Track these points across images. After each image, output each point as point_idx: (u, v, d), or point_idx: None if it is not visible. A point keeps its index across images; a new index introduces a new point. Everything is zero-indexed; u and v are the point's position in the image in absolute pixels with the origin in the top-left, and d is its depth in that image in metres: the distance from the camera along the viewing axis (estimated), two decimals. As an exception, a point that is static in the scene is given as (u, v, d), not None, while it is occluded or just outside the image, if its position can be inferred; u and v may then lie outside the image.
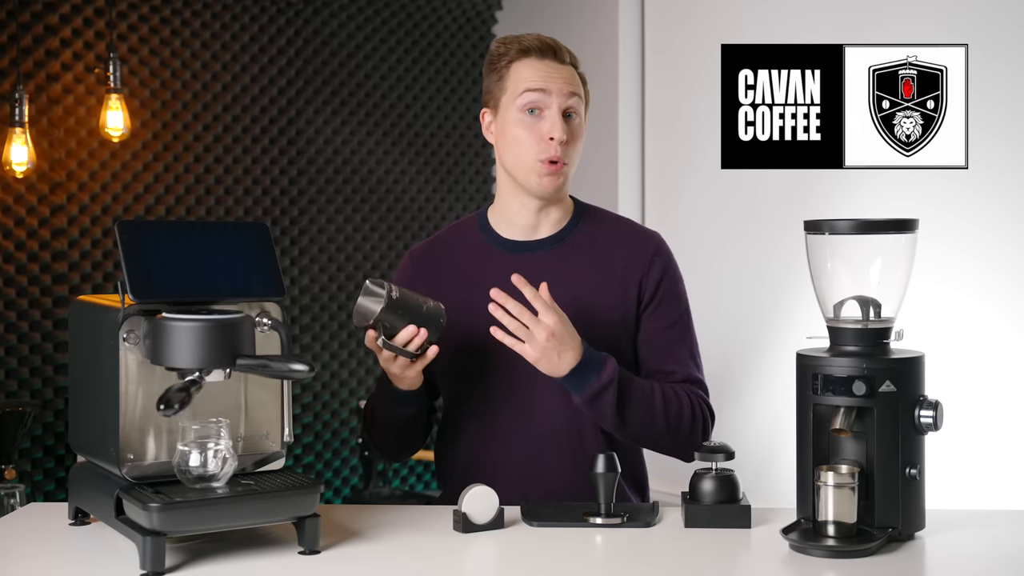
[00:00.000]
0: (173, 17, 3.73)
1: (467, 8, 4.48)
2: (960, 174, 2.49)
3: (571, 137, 1.93)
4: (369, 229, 4.24)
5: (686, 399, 1.93)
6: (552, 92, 1.92)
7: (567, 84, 1.93)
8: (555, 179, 1.93)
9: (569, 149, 1.93)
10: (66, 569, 1.59)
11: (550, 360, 1.81)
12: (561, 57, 1.95)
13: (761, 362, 3.49)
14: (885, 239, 1.70)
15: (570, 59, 1.97)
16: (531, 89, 1.92)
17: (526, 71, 1.94)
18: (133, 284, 1.53)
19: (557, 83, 1.92)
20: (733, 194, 3.62)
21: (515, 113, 1.94)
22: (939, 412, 1.63)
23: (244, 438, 1.71)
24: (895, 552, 1.60)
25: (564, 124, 1.91)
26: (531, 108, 1.93)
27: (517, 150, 1.94)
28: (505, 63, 1.96)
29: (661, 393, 1.90)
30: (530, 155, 1.93)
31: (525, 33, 1.99)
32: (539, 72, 1.93)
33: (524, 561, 1.62)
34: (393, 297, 1.78)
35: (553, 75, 1.93)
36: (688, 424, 1.92)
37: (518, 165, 1.95)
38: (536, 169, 1.93)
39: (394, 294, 1.78)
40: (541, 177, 1.93)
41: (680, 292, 2.02)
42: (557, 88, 1.92)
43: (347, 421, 4.17)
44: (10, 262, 3.39)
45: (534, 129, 1.92)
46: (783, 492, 1.86)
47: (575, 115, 1.95)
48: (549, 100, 1.92)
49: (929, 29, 3.11)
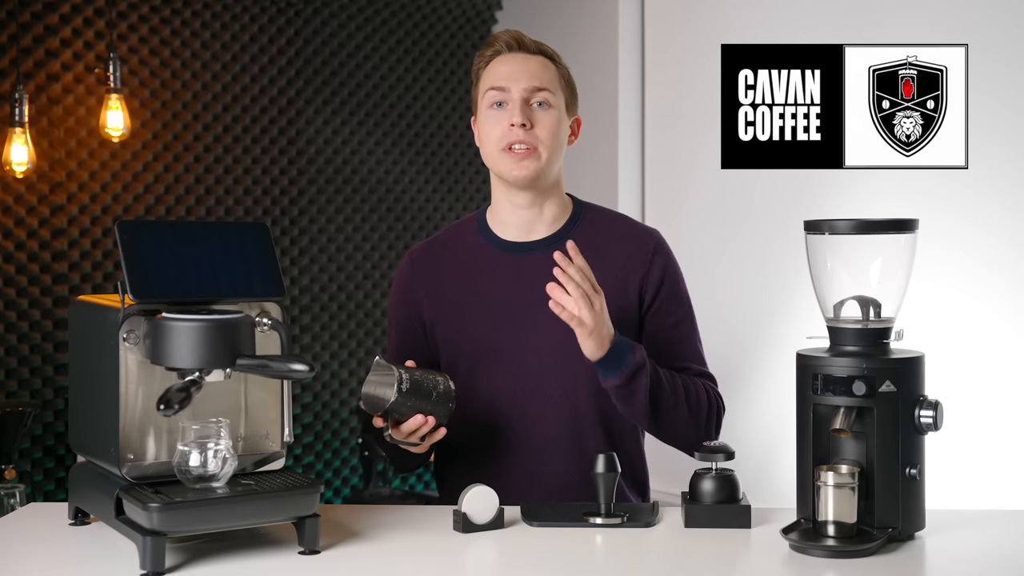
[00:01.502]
0: (173, 17, 3.73)
1: (467, 8, 4.48)
2: (960, 174, 2.49)
3: (539, 123, 1.94)
4: (369, 229, 4.24)
5: (703, 389, 1.94)
6: (511, 87, 1.94)
7: (528, 75, 1.95)
8: (524, 164, 1.94)
9: (539, 134, 1.94)
10: (66, 569, 1.59)
11: (600, 334, 1.79)
12: (527, 48, 1.98)
13: (761, 362, 3.49)
14: (885, 239, 1.70)
15: (539, 49, 1.99)
16: (495, 87, 1.95)
17: (493, 69, 1.97)
18: (133, 284, 1.53)
19: (518, 75, 1.95)
20: (733, 194, 3.62)
21: (484, 109, 1.98)
22: (939, 412, 1.63)
23: (244, 438, 1.71)
24: (895, 552, 1.60)
25: (524, 110, 1.93)
26: (498, 102, 1.95)
27: (488, 144, 1.97)
28: (481, 66, 2.00)
29: (681, 380, 1.92)
30: (497, 144, 1.95)
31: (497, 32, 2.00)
32: (504, 67, 1.96)
33: (524, 561, 1.62)
34: (403, 389, 1.76)
35: (516, 67, 1.96)
36: (706, 413, 1.94)
37: (491, 157, 1.97)
38: (502, 158, 1.95)
39: (404, 385, 1.76)
40: (510, 166, 1.94)
41: (682, 289, 2.02)
42: (517, 81, 1.94)
43: (347, 421, 4.17)
44: (10, 262, 3.39)
45: (499, 120, 1.95)
46: (783, 492, 1.86)
47: (545, 104, 1.95)
48: (511, 93, 1.94)
49: (929, 29, 3.11)
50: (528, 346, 1.94)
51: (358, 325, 4.20)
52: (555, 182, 2.00)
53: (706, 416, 1.93)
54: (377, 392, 1.77)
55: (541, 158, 1.94)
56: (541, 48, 2.00)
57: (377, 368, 1.79)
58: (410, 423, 1.78)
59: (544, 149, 1.94)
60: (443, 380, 1.81)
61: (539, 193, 1.98)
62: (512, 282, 1.98)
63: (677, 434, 1.93)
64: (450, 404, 1.80)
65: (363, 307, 4.21)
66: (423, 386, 1.78)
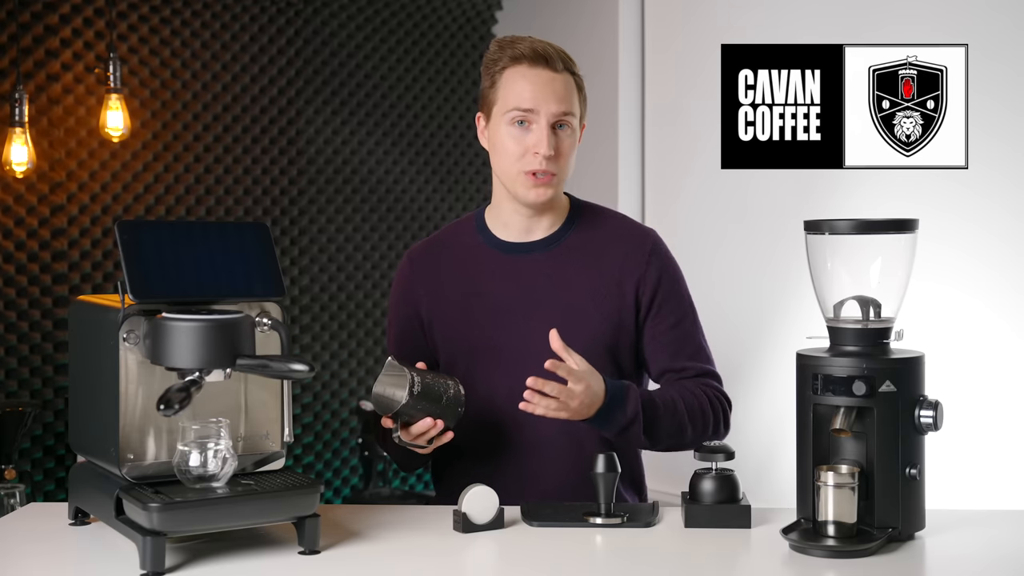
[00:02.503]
0: (173, 17, 3.73)
1: (467, 8, 4.48)
2: (960, 174, 2.49)
3: (560, 150, 1.91)
4: (369, 229, 4.24)
5: (704, 397, 1.94)
6: (540, 109, 1.90)
7: (556, 99, 1.91)
8: (543, 191, 1.93)
9: (558, 162, 1.92)
10: (66, 569, 1.59)
11: (582, 415, 1.81)
12: (554, 66, 1.92)
13: (761, 362, 3.49)
14: (885, 239, 1.70)
15: (564, 65, 1.93)
16: (520, 108, 1.91)
17: (517, 82, 1.92)
18: (133, 284, 1.53)
19: (546, 98, 1.90)
20: (733, 194, 3.62)
21: (504, 125, 1.93)
22: (939, 412, 1.63)
23: (244, 438, 1.71)
24: (895, 552, 1.60)
25: (551, 138, 1.90)
26: (520, 120, 1.92)
27: (505, 161, 1.94)
28: (499, 68, 1.94)
29: (683, 402, 1.91)
30: (517, 166, 1.92)
31: (522, 36, 1.96)
32: (529, 84, 1.91)
33: (524, 561, 1.62)
34: (415, 392, 1.76)
35: (543, 88, 1.91)
36: (712, 421, 1.94)
37: (506, 175, 1.95)
38: (522, 181, 1.93)
39: (416, 388, 1.76)
40: (528, 189, 1.93)
41: (681, 288, 2.02)
42: (546, 104, 1.90)
43: (347, 421, 4.17)
44: (10, 262, 3.39)
45: (521, 141, 1.92)
46: (783, 492, 1.86)
47: (566, 126, 1.93)
48: (538, 115, 1.91)
49: (929, 29, 3.11)
50: (526, 346, 1.94)
51: (358, 325, 4.20)
52: None
53: (712, 424, 1.94)
54: (388, 393, 1.77)
55: (558, 183, 1.94)
56: (566, 64, 1.94)
57: (389, 369, 1.79)
58: (419, 426, 1.79)
59: (562, 175, 1.94)
60: (453, 384, 1.81)
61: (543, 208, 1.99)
62: (510, 282, 1.98)
63: (683, 448, 1.95)
64: (459, 409, 1.81)
65: (363, 307, 4.21)
66: (434, 390, 1.78)
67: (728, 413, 1.99)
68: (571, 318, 1.94)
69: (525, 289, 1.97)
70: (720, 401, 1.97)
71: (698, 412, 1.92)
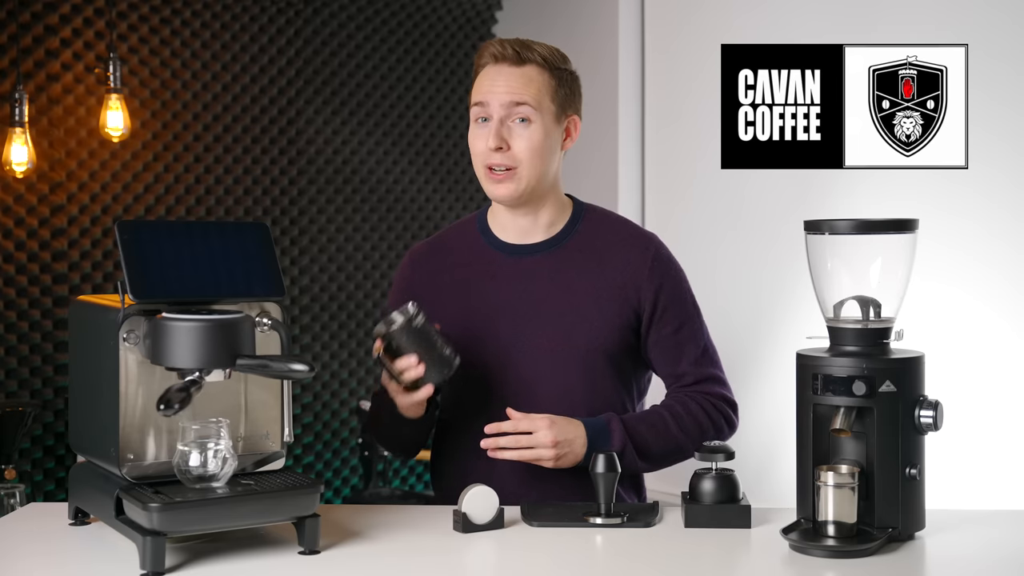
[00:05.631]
0: (173, 17, 3.73)
1: (467, 8, 4.48)
2: (960, 174, 2.48)
3: (517, 141, 1.91)
4: (369, 229, 4.24)
5: (698, 408, 1.94)
6: (491, 103, 1.91)
7: (508, 90, 1.90)
8: (503, 187, 1.93)
9: (517, 154, 1.91)
10: (66, 569, 1.59)
11: (568, 459, 1.85)
12: (515, 59, 1.91)
13: (761, 362, 3.49)
14: (885, 239, 1.70)
15: (531, 58, 1.92)
16: (477, 102, 1.93)
17: (478, 81, 1.95)
18: (133, 284, 1.54)
19: (496, 90, 1.91)
20: (733, 194, 3.62)
21: (471, 123, 1.96)
22: (939, 412, 1.63)
23: (244, 438, 1.71)
24: (895, 552, 1.60)
25: (500, 130, 1.90)
26: (481, 117, 1.93)
27: (474, 159, 1.97)
28: (476, 70, 1.98)
29: (673, 419, 1.93)
30: (478, 162, 1.95)
31: (507, 38, 1.96)
32: (488, 80, 1.92)
33: (524, 561, 1.62)
34: (414, 325, 1.79)
35: (494, 80, 1.91)
36: (710, 430, 1.95)
37: (477, 174, 1.97)
38: (485, 177, 1.95)
39: (416, 321, 1.80)
40: (491, 185, 1.94)
41: (684, 293, 2.01)
42: (495, 95, 1.91)
43: (347, 421, 4.17)
44: (10, 262, 3.39)
45: (480, 136, 1.94)
46: (783, 492, 1.86)
47: (525, 120, 1.91)
48: (491, 110, 1.92)
49: (929, 29, 3.11)
50: (526, 347, 1.94)
51: (358, 325, 4.20)
52: (549, 188, 1.98)
53: (712, 432, 1.95)
54: (393, 315, 1.80)
55: (521, 179, 1.92)
56: (529, 56, 1.92)
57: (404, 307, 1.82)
58: (402, 361, 1.80)
59: (524, 167, 1.92)
60: (451, 349, 1.84)
61: (531, 203, 1.98)
62: (511, 283, 1.98)
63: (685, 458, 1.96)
64: (446, 370, 1.83)
65: (363, 307, 4.21)
66: (430, 336, 1.82)
67: (731, 416, 1.99)
68: (572, 320, 1.94)
69: (526, 290, 1.96)
70: (718, 407, 1.97)
71: (690, 425, 1.93)
